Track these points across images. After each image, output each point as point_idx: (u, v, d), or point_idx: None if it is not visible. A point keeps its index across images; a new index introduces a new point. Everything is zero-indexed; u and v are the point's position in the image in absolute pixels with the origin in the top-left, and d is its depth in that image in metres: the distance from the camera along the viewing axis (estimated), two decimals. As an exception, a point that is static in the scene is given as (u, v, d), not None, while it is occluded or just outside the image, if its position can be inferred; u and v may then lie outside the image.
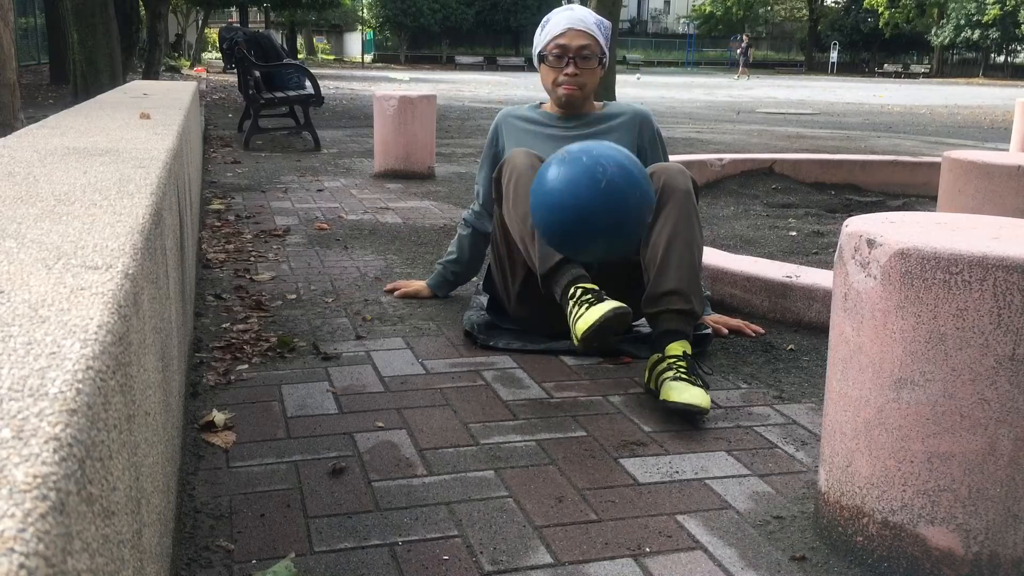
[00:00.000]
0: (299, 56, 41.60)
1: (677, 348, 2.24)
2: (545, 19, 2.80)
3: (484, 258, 3.07)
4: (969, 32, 47.84)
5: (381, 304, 3.04)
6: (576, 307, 2.21)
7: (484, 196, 2.96)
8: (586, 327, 2.13)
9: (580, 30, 2.68)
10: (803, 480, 1.84)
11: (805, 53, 59.79)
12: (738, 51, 42.21)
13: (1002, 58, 54.77)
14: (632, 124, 2.79)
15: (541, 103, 2.92)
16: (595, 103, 2.85)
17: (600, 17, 2.76)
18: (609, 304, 2.14)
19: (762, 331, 2.78)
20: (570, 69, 2.69)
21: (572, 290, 2.25)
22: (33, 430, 0.55)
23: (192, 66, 29.19)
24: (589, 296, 2.20)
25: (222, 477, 1.77)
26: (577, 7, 2.79)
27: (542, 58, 2.74)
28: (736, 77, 38.01)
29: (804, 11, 60.31)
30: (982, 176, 3.68)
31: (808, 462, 1.92)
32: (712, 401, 2.25)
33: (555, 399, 2.24)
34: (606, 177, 2.15)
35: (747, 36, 43.59)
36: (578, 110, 2.79)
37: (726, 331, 2.75)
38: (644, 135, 2.79)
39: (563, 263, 2.32)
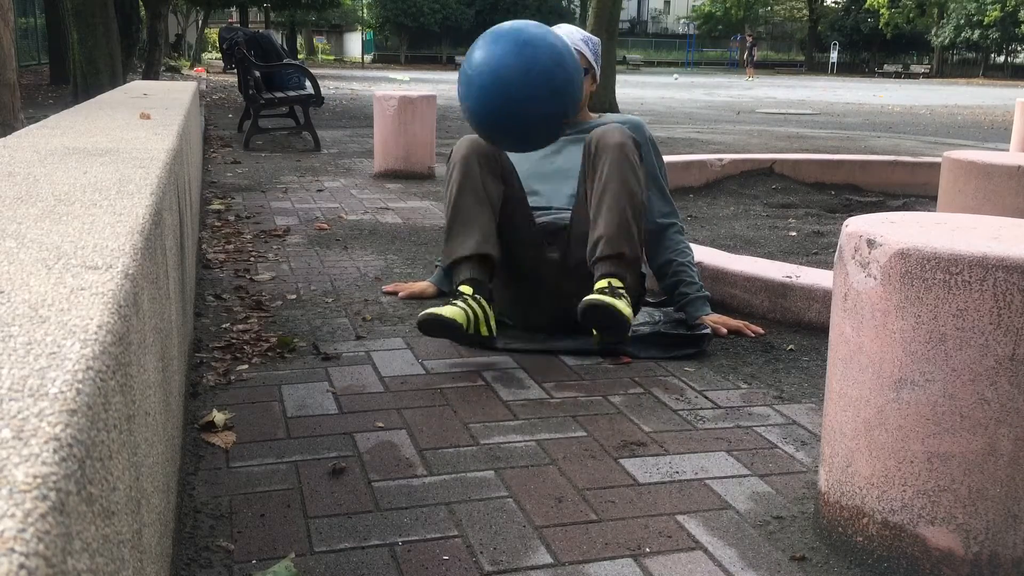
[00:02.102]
0: (299, 56, 41.59)
1: (603, 282, 2.38)
2: None
3: None
4: (969, 32, 47.82)
5: (381, 304, 3.04)
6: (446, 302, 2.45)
7: None
8: (420, 315, 2.37)
9: None
10: (803, 480, 1.84)
11: (805, 53, 59.80)
12: (745, 52, 42.05)
13: (1002, 58, 54.75)
14: None
15: None
16: (590, 113, 2.94)
17: (587, 33, 2.87)
18: (440, 309, 2.36)
19: (762, 331, 2.78)
20: None
21: (458, 288, 2.49)
22: (33, 430, 0.55)
23: (192, 66, 29.20)
24: (457, 300, 2.43)
25: (222, 477, 1.77)
26: (563, 25, 2.88)
27: None
28: (748, 79, 37.61)
29: (804, 11, 60.32)
30: (982, 176, 3.68)
31: (808, 462, 1.92)
32: (712, 401, 2.25)
33: (555, 399, 2.24)
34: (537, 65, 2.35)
35: (751, 36, 43.46)
36: (572, 120, 2.84)
37: (725, 331, 2.75)
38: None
39: (457, 263, 2.52)
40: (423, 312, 2.37)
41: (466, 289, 2.45)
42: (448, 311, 2.35)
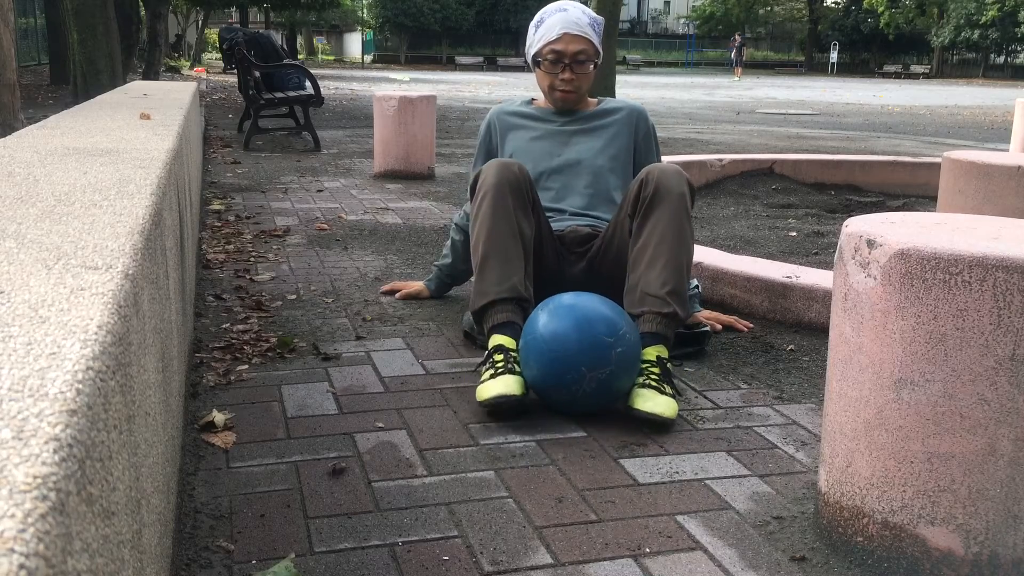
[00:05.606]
0: (299, 57, 41.61)
1: (652, 353, 2.20)
2: (539, 18, 2.74)
3: None
4: (969, 32, 47.80)
5: (381, 304, 3.04)
6: (487, 369, 2.19)
7: None
8: (483, 399, 2.09)
9: (576, 34, 2.65)
10: (803, 480, 1.84)
11: (805, 53, 59.76)
12: (732, 51, 42.22)
13: (1002, 58, 54.71)
14: (629, 120, 2.81)
15: (533, 99, 2.92)
16: (590, 99, 2.86)
17: (593, 15, 2.72)
18: (504, 385, 2.08)
19: (751, 325, 2.82)
20: (566, 75, 2.68)
21: (491, 350, 2.23)
22: (33, 430, 0.55)
23: (192, 66, 29.20)
24: (500, 364, 2.16)
25: (222, 477, 1.77)
26: (571, 6, 2.72)
27: (537, 61, 2.72)
28: (736, 78, 37.98)
29: (804, 11, 60.31)
30: (982, 176, 3.68)
31: (808, 462, 1.92)
32: (712, 401, 2.25)
33: (555, 399, 2.23)
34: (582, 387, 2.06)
35: (738, 36, 43.49)
36: (573, 108, 2.80)
37: (720, 327, 2.78)
38: (639, 130, 2.82)
39: (492, 305, 2.29)
40: (489, 397, 2.07)
41: (508, 343, 2.23)
42: (510, 385, 2.08)
